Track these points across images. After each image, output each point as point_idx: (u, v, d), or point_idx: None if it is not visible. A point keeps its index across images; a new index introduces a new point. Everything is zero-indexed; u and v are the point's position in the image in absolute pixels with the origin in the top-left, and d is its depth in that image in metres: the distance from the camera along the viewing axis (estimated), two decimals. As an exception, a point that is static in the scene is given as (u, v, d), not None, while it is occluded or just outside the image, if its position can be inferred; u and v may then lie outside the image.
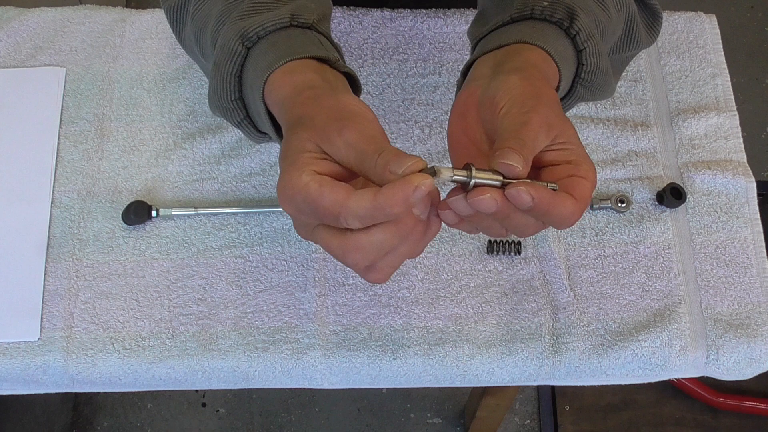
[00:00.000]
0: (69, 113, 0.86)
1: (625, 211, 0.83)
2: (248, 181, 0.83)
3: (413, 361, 0.76)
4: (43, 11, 0.91)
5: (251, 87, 0.59)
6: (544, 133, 0.53)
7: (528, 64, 0.58)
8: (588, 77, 0.63)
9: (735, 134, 0.88)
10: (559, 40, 0.61)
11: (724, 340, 0.78)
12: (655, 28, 0.73)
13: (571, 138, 0.55)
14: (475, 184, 0.50)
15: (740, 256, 0.81)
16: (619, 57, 0.72)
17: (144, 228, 0.81)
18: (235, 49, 0.59)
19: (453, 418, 1.68)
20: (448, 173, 0.49)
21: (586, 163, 0.54)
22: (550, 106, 0.55)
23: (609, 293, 0.80)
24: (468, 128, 0.58)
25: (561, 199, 0.52)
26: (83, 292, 0.78)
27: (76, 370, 0.76)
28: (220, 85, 0.60)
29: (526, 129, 0.52)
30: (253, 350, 0.76)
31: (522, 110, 0.53)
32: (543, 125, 0.53)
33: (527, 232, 0.54)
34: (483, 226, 0.55)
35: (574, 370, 0.77)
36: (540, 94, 0.55)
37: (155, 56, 0.90)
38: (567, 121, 0.56)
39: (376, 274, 0.53)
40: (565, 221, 0.53)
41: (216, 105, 0.62)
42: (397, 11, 0.92)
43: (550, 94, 0.56)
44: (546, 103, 0.55)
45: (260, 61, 0.58)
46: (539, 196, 0.50)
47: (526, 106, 0.53)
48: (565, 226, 0.54)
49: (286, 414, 1.69)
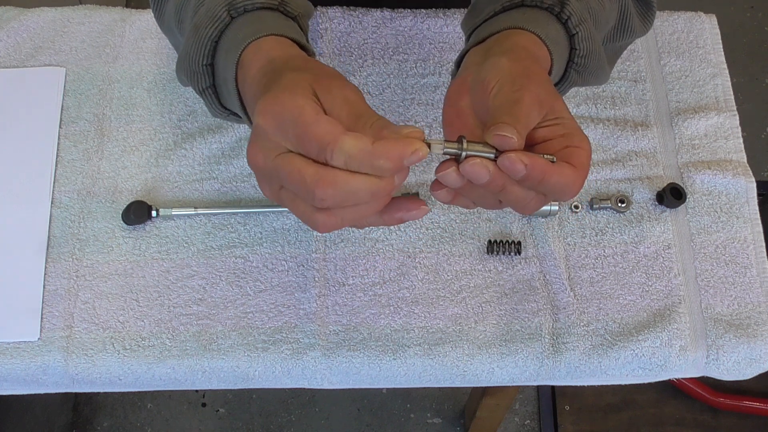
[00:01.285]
0: (69, 113, 0.86)
1: (625, 211, 0.83)
2: (248, 181, 0.83)
3: (413, 361, 0.76)
4: (43, 11, 0.91)
5: (227, 52, 0.58)
6: (535, 110, 0.53)
7: (517, 47, 0.58)
8: (581, 62, 0.63)
9: (735, 134, 0.88)
10: (551, 25, 0.61)
11: (724, 340, 0.78)
12: (648, 17, 0.74)
13: (562, 112, 0.55)
14: (467, 155, 0.50)
15: (740, 256, 0.81)
16: (613, 46, 0.72)
17: (144, 228, 0.81)
18: (219, 15, 0.58)
19: (453, 418, 1.68)
20: (439, 146, 0.49)
21: (579, 134, 0.55)
22: (540, 83, 0.55)
23: (609, 293, 0.80)
24: (461, 114, 0.58)
25: (558, 168, 0.52)
26: (83, 292, 0.78)
27: (76, 370, 0.76)
28: (195, 47, 0.59)
29: (518, 106, 0.52)
30: (253, 350, 0.76)
31: (513, 89, 0.53)
32: (534, 102, 0.53)
33: (528, 207, 0.54)
34: (477, 198, 0.54)
35: (574, 370, 0.77)
36: (529, 73, 0.55)
37: (155, 56, 0.90)
38: (558, 97, 0.56)
39: (327, 219, 0.50)
40: (565, 190, 0.52)
41: (185, 68, 0.61)
42: (397, 11, 0.92)
43: (540, 72, 0.57)
44: (536, 80, 0.55)
45: (243, 29, 0.58)
46: (532, 163, 0.50)
47: (517, 84, 0.54)
48: (568, 197, 0.53)
49: (286, 414, 1.69)
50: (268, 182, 0.53)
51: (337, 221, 0.51)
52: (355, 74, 0.89)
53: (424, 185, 0.83)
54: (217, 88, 0.62)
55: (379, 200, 0.51)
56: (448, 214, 0.82)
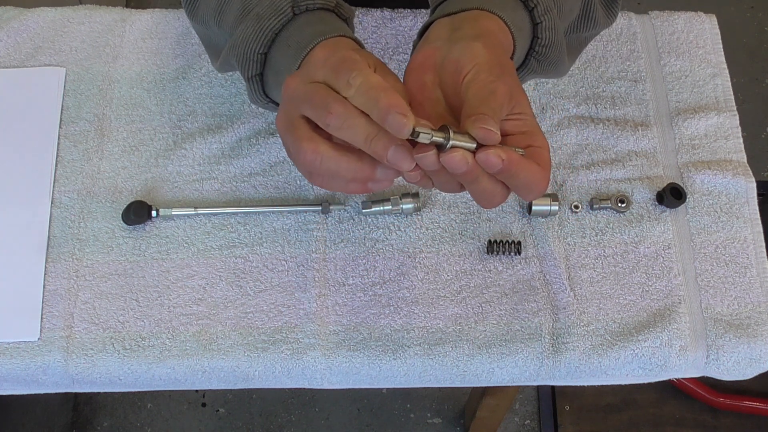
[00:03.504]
0: (69, 113, 0.86)
1: (625, 211, 0.83)
2: (248, 181, 0.83)
3: (413, 361, 0.76)
4: (43, 11, 0.91)
5: (289, 47, 0.61)
6: (507, 103, 0.54)
7: (487, 32, 0.58)
8: (542, 51, 0.64)
9: (735, 134, 0.88)
10: (517, 12, 0.61)
11: (724, 340, 0.78)
12: (612, 8, 0.75)
13: (525, 108, 0.56)
14: (452, 146, 0.51)
15: (740, 256, 0.81)
16: (577, 37, 0.73)
17: (144, 228, 0.81)
18: (284, 9, 0.62)
19: (453, 418, 1.68)
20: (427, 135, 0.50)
21: (540, 133, 0.56)
22: (512, 75, 0.56)
23: (609, 293, 0.80)
24: (425, 88, 0.58)
25: (528, 164, 0.53)
26: (83, 292, 0.78)
27: (76, 370, 0.76)
28: (254, 35, 0.62)
29: (494, 98, 0.53)
30: (253, 350, 0.76)
31: (488, 79, 0.54)
32: (506, 95, 0.54)
33: (493, 201, 0.55)
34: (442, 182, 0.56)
35: (574, 370, 0.77)
36: (503, 64, 0.56)
37: (155, 56, 0.90)
38: (523, 92, 0.56)
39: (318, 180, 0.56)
40: (533, 187, 0.54)
41: (238, 53, 0.63)
42: (397, 11, 0.92)
43: (510, 64, 0.58)
44: (509, 72, 0.56)
45: (309, 27, 0.61)
46: (509, 158, 0.51)
47: (492, 74, 0.54)
48: (533, 195, 0.54)
49: (286, 414, 1.69)
50: (287, 107, 0.56)
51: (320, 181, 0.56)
52: (355, 74, 0.89)
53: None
54: (265, 77, 0.64)
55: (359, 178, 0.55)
56: (448, 214, 0.82)
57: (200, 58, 0.89)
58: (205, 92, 0.88)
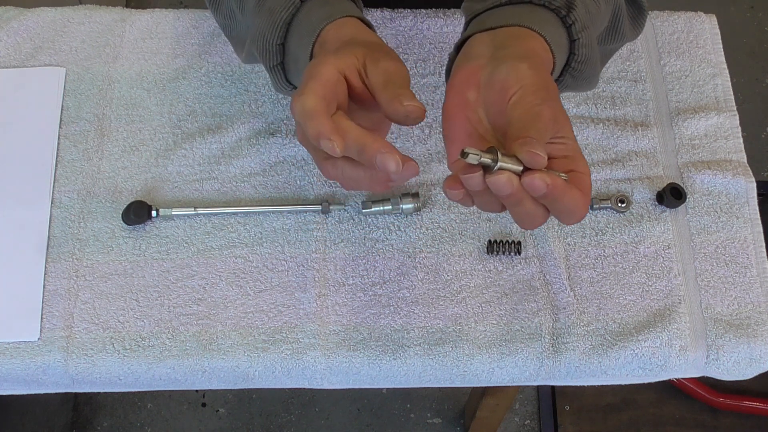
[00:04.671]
0: (69, 113, 0.86)
1: (625, 211, 0.83)
2: (248, 181, 0.83)
3: (413, 361, 0.76)
4: (43, 11, 0.91)
5: (300, 34, 0.63)
6: (551, 128, 0.54)
7: (532, 53, 0.58)
8: (578, 67, 0.64)
9: (735, 134, 0.88)
10: (557, 29, 0.61)
11: (724, 340, 0.78)
12: (639, 21, 0.74)
13: (568, 133, 0.56)
14: (499, 167, 0.51)
15: (740, 256, 0.81)
16: (603, 49, 0.72)
17: (144, 228, 0.81)
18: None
19: (453, 418, 1.68)
20: (476, 157, 0.51)
21: (582, 158, 0.56)
22: (556, 99, 0.56)
23: (609, 293, 0.80)
24: (467, 106, 0.58)
25: (570, 190, 0.53)
26: (83, 292, 0.78)
27: (76, 370, 0.76)
28: (270, 28, 0.64)
29: (540, 120, 0.53)
30: (253, 350, 0.76)
31: (535, 101, 0.54)
32: (551, 118, 0.54)
33: (534, 223, 0.55)
34: (485, 203, 0.56)
35: (574, 370, 0.77)
36: (548, 87, 0.56)
37: (155, 56, 0.90)
38: (567, 116, 0.57)
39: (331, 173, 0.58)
40: (574, 212, 0.54)
41: (258, 47, 0.65)
42: (397, 11, 0.92)
43: (554, 87, 0.57)
44: (553, 96, 0.56)
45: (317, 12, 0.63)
46: (554, 183, 0.51)
47: (538, 97, 0.54)
48: (574, 220, 0.54)
49: (286, 414, 1.69)
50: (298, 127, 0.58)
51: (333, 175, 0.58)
52: (355, 74, 0.89)
53: (424, 185, 0.83)
54: (286, 66, 0.66)
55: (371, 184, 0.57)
56: (448, 214, 0.82)
57: (200, 58, 0.89)
58: (205, 92, 0.88)
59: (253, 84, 0.88)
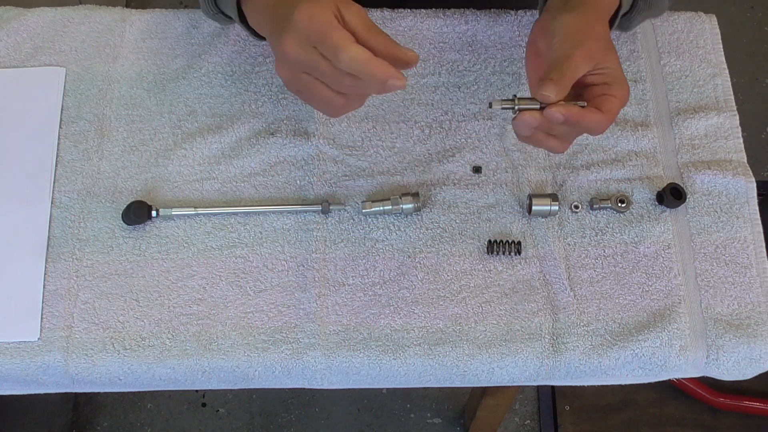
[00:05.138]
0: (69, 113, 0.86)
1: (625, 211, 0.83)
2: (248, 181, 0.83)
3: (413, 361, 0.76)
4: (43, 11, 0.91)
5: None
6: (585, 63, 0.67)
7: (586, 2, 0.71)
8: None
9: (735, 134, 0.88)
10: None
11: (724, 340, 0.78)
12: None
13: (610, 63, 0.69)
14: (519, 109, 0.67)
15: (740, 256, 0.81)
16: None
17: (144, 228, 0.81)
18: None
19: (453, 418, 1.68)
20: (498, 104, 0.68)
21: (619, 83, 0.69)
22: (596, 39, 0.69)
23: (609, 293, 0.80)
24: (538, 53, 0.72)
25: (588, 113, 0.67)
26: (83, 292, 0.78)
27: (76, 370, 0.76)
28: None
29: (568, 61, 0.67)
30: (253, 350, 0.76)
31: (568, 46, 0.68)
32: (585, 57, 0.67)
33: (569, 139, 0.70)
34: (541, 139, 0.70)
35: (574, 370, 0.77)
36: (587, 31, 0.69)
37: (155, 56, 0.90)
38: (610, 51, 0.70)
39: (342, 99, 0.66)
40: (593, 128, 0.68)
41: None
42: (397, 11, 0.92)
43: (598, 29, 0.70)
44: (593, 37, 0.69)
45: None
46: (568, 112, 0.66)
47: (574, 41, 0.68)
48: (597, 133, 0.69)
49: (286, 414, 1.69)
50: (290, 65, 0.64)
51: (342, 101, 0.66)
52: (355, 74, 0.89)
53: (424, 185, 0.83)
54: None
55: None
56: (448, 214, 0.82)
57: (200, 58, 0.89)
58: (205, 92, 0.88)
59: (253, 84, 0.88)
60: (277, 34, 0.64)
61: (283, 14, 0.64)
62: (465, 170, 0.85)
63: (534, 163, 0.85)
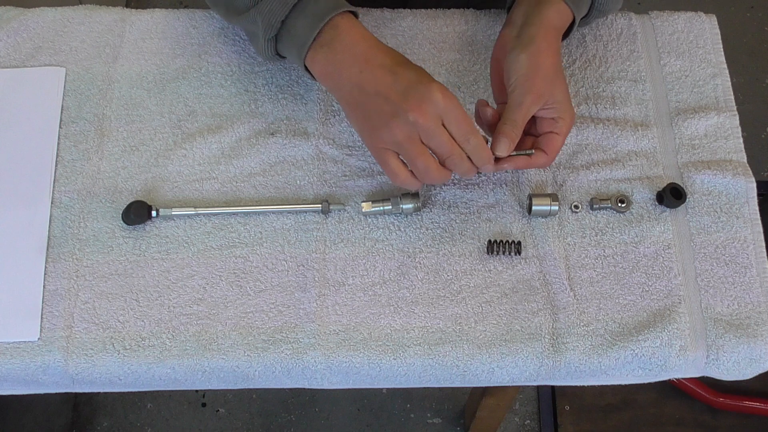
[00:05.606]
0: (69, 113, 0.86)
1: (625, 211, 0.83)
2: (248, 181, 0.83)
3: (413, 361, 0.76)
4: (43, 11, 0.91)
5: (306, 16, 0.75)
6: (535, 105, 0.76)
7: (543, 29, 0.77)
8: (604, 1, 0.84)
9: (735, 134, 0.88)
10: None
11: (724, 340, 0.78)
12: None
13: (557, 98, 0.76)
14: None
15: (740, 256, 0.81)
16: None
17: (144, 228, 0.81)
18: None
19: (453, 418, 1.68)
20: None
21: (564, 118, 0.77)
22: (544, 77, 0.76)
23: (609, 293, 0.80)
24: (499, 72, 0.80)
25: (535, 159, 0.78)
26: (83, 292, 0.78)
27: (76, 370, 0.76)
28: (280, 6, 0.75)
29: (520, 109, 0.75)
30: (253, 350, 0.76)
31: (519, 92, 0.75)
32: (534, 100, 0.75)
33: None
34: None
35: (574, 370, 0.77)
36: (537, 71, 0.76)
37: (155, 56, 0.90)
38: (557, 86, 0.76)
39: (444, 171, 0.74)
40: (541, 166, 0.80)
41: (263, 20, 0.76)
42: (397, 11, 0.92)
43: (548, 63, 0.76)
44: (541, 76, 0.76)
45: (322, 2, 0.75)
46: (517, 164, 0.78)
47: (525, 87, 0.75)
48: (541, 168, 0.82)
49: (286, 414, 1.69)
50: (412, 129, 0.71)
51: (448, 173, 0.75)
52: (355, 74, 0.89)
53: (423, 185, 0.83)
54: (278, 38, 0.78)
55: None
56: (448, 214, 0.82)
57: (200, 58, 0.89)
58: (205, 92, 0.88)
59: (253, 84, 0.88)
60: (393, 95, 0.71)
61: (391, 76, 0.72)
62: (465, 170, 0.85)
63: (534, 163, 0.85)
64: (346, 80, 0.74)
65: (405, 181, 0.75)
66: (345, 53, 0.75)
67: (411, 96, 0.71)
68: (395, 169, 0.74)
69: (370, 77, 0.73)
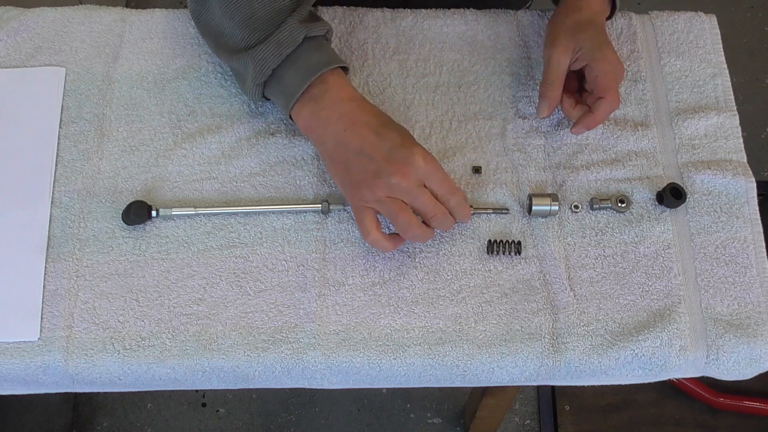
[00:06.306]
0: (69, 113, 0.86)
1: (625, 211, 0.83)
2: (248, 181, 0.83)
3: (413, 361, 0.76)
4: (43, 11, 0.91)
5: (298, 69, 0.76)
6: (563, 58, 0.81)
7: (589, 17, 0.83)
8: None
9: (735, 134, 0.88)
10: None
11: (724, 340, 0.78)
12: None
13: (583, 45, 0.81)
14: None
15: (740, 256, 0.81)
16: None
17: (144, 228, 0.81)
18: (298, 39, 0.76)
19: (453, 418, 1.68)
20: None
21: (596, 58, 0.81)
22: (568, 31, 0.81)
23: (609, 293, 0.80)
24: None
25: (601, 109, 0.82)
26: (83, 292, 0.78)
27: (76, 370, 0.76)
28: (273, 57, 0.76)
29: (549, 67, 0.82)
30: (253, 350, 0.76)
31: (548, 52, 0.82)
32: (561, 54, 0.81)
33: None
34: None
35: (574, 370, 0.77)
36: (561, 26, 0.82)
37: (155, 56, 0.90)
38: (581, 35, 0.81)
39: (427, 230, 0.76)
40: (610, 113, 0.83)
41: (255, 66, 0.76)
42: (397, 11, 0.92)
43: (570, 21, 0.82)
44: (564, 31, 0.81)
45: (316, 55, 0.77)
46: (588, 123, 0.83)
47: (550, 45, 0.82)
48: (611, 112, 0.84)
49: (286, 414, 1.69)
50: (394, 191, 0.73)
51: (431, 232, 0.77)
52: (356, 74, 0.89)
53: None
54: (267, 83, 0.78)
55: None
56: (448, 214, 0.82)
57: (200, 58, 0.89)
58: (205, 92, 0.88)
59: (253, 84, 0.88)
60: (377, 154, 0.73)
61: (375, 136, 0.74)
62: (465, 170, 0.85)
63: (534, 163, 0.85)
64: (330, 136, 0.76)
65: (375, 241, 0.75)
66: (332, 110, 0.76)
67: (395, 159, 0.72)
68: (368, 226, 0.75)
69: (354, 135, 0.74)
